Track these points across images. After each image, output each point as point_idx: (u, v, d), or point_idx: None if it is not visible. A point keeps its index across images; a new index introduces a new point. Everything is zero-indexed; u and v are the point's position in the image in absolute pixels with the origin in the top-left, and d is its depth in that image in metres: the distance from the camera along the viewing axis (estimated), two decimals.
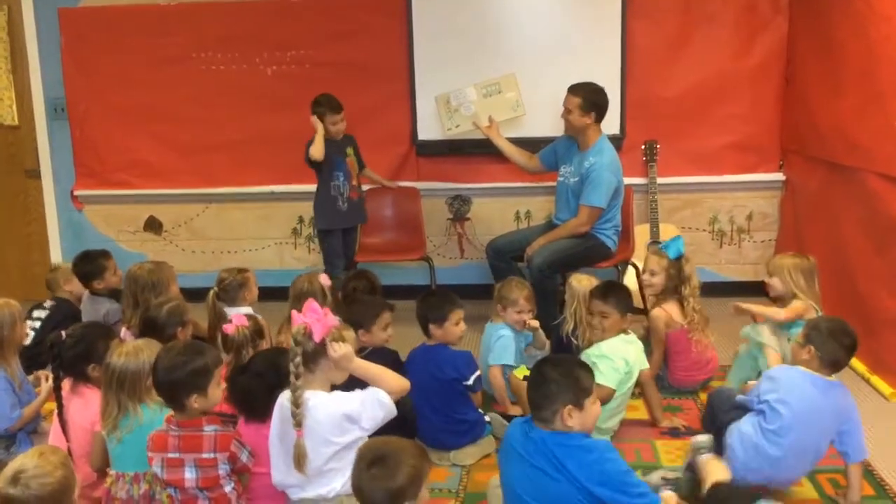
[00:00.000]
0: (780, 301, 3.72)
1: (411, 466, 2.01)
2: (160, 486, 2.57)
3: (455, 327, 3.29)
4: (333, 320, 2.35)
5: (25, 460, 2.06)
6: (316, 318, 2.32)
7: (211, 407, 2.44)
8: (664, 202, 5.14)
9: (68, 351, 2.86)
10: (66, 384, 2.87)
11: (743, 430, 2.73)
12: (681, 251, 3.74)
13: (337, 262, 4.70)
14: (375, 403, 2.31)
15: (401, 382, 2.37)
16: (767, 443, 2.67)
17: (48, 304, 4.14)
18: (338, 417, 2.31)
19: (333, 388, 2.44)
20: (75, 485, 2.13)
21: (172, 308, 3.31)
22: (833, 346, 2.73)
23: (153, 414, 2.60)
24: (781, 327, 3.59)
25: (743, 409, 2.83)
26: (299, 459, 2.31)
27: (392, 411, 2.34)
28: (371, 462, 2.02)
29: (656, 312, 3.77)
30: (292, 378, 2.29)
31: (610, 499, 2.23)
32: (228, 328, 3.07)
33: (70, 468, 2.12)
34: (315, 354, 2.34)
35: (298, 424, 2.29)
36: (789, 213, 5.06)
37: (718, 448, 2.85)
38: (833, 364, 2.75)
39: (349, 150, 4.77)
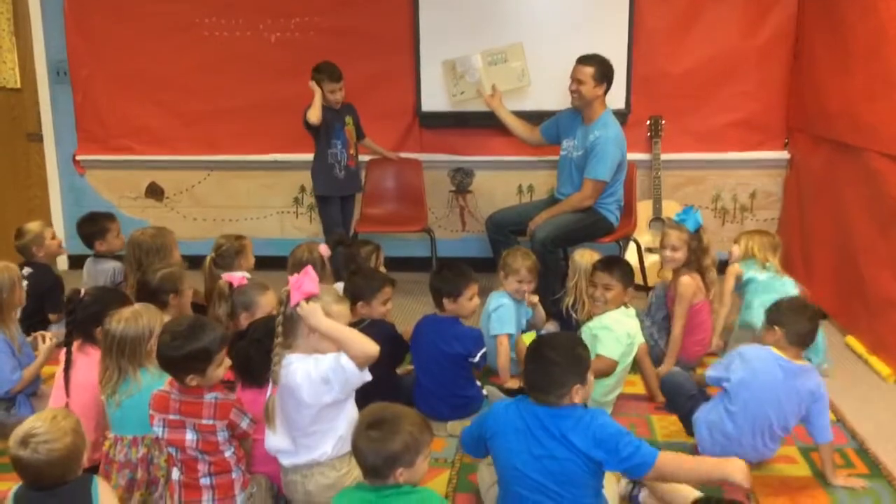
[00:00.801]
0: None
1: (408, 434, 2.03)
2: (158, 450, 2.59)
3: (469, 302, 3.30)
4: (313, 288, 2.34)
5: (37, 423, 2.09)
6: (297, 286, 2.32)
7: (210, 385, 2.43)
8: (667, 178, 5.12)
9: (83, 310, 2.87)
10: (76, 342, 2.88)
11: (711, 419, 2.86)
12: (699, 222, 3.70)
13: (337, 231, 4.70)
14: (338, 367, 2.30)
15: (366, 349, 2.31)
16: (727, 419, 2.79)
17: (26, 271, 3.95)
18: (314, 379, 2.32)
19: None
20: (84, 450, 2.17)
21: (166, 275, 3.31)
22: (797, 320, 2.81)
23: (153, 379, 2.60)
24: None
25: (701, 396, 2.98)
26: (268, 414, 2.37)
27: (356, 375, 2.30)
28: (370, 424, 2.05)
29: (686, 280, 3.65)
30: (275, 337, 2.35)
31: (605, 460, 2.26)
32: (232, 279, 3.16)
33: (80, 434, 2.15)
34: (292, 318, 2.35)
35: (274, 382, 2.34)
36: (793, 192, 5.05)
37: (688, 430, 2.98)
38: (801, 338, 2.82)
39: (348, 120, 4.76)
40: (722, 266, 3.94)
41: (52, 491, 2.10)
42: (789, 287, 3.72)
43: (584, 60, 4.35)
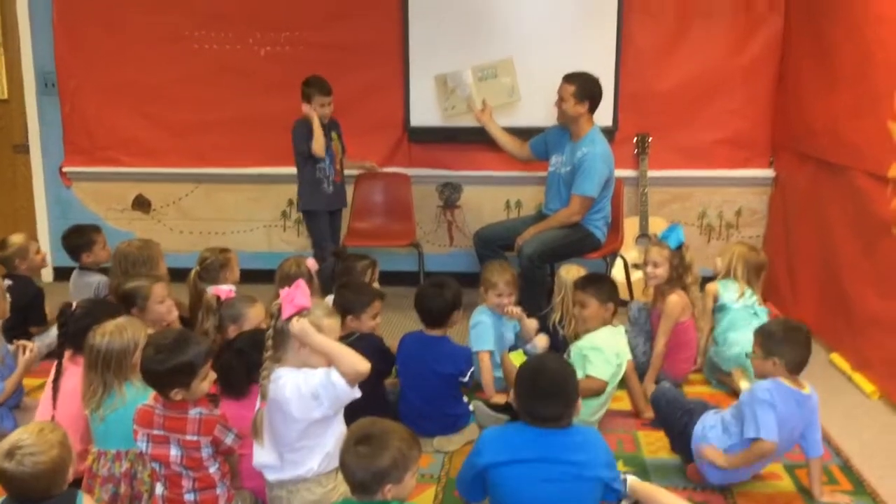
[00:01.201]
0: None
1: (397, 450, 2.03)
2: (142, 465, 2.57)
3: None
4: (305, 302, 2.33)
5: (24, 435, 2.08)
6: (289, 299, 2.32)
7: (194, 399, 2.41)
8: (654, 195, 5.14)
9: (75, 322, 2.86)
10: (68, 353, 2.87)
11: (719, 436, 2.80)
12: (681, 240, 3.71)
13: (326, 246, 4.70)
14: (328, 383, 2.29)
15: (357, 367, 2.29)
16: (739, 446, 2.74)
17: (6, 283, 3.87)
18: (303, 394, 2.31)
19: None
20: (71, 464, 2.15)
21: (128, 289, 3.32)
22: (794, 348, 2.74)
23: (137, 393, 2.58)
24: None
25: (697, 409, 2.94)
26: (255, 428, 2.36)
27: (346, 392, 2.29)
28: (358, 440, 2.05)
29: (675, 298, 3.65)
30: (265, 351, 2.33)
31: (609, 478, 2.35)
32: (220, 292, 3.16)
33: (67, 447, 2.13)
34: (283, 332, 2.35)
35: (263, 396, 2.33)
36: (778, 210, 5.08)
37: (685, 455, 2.94)
38: (799, 365, 2.76)
39: (334, 135, 4.76)
40: (707, 282, 3.96)
41: None
42: (763, 320, 3.64)
43: (567, 78, 4.38)
